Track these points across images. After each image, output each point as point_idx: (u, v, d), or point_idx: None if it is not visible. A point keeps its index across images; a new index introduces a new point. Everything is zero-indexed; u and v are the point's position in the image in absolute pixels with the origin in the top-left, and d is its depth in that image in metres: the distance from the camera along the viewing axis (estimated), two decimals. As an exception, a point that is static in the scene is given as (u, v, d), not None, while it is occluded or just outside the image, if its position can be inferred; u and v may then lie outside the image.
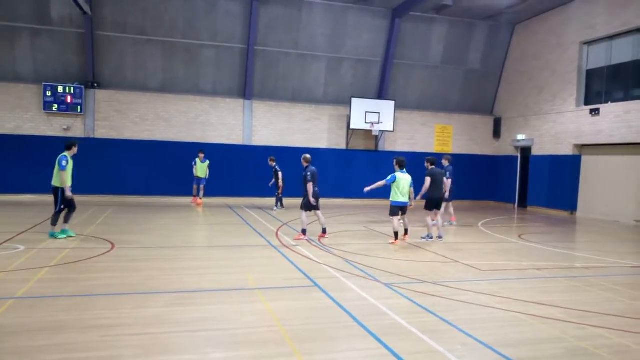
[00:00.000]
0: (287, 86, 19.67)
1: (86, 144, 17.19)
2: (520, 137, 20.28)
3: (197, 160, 16.39)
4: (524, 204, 20.10)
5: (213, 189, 17.73)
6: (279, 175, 15.60)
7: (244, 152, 18.93)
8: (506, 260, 8.92)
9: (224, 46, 18.46)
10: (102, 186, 17.29)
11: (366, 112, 19.28)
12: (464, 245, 10.61)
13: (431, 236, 10.59)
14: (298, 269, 7.53)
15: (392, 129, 19.92)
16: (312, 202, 9.97)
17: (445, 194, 12.69)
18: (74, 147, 9.48)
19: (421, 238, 10.61)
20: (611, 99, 16.50)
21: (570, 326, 5.22)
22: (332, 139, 20.12)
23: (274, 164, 15.70)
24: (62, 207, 9.31)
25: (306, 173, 10.06)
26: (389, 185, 9.96)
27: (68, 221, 9.49)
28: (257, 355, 4.25)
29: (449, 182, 12.77)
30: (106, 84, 17.91)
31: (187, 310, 5.40)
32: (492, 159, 21.81)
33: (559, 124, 18.29)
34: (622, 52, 16.11)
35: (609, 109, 16.18)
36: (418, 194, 10.68)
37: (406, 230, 10.57)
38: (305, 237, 10.13)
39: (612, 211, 16.02)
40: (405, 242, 10.33)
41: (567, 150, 17.83)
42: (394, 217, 10.04)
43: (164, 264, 7.70)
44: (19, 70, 17.20)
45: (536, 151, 19.47)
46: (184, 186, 17.10)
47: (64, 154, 9.32)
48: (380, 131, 19.78)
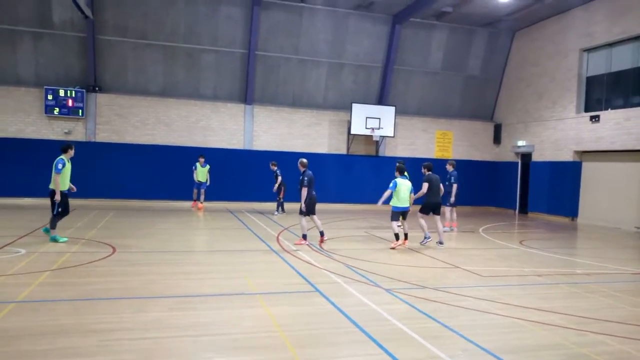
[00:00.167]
0: (288, 91, 19.73)
1: (87, 147, 17.28)
2: (521, 143, 20.31)
3: (197, 164, 16.39)
4: (524, 210, 20.10)
5: (214, 193, 17.74)
6: (278, 179, 15.61)
7: (244, 156, 18.96)
8: (507, 266, 8.92)
9: (224, 51, 18.54)
10: (103, 190, 17.31)
11: (367, 118, 19.33)
12: (464, 251, 10.61)
13: (428, 236, 10.60)
14: (299, 274, 7.53)
15: (392, 135, 19.96)
16: (303, 208, 9.92)
17: (451, 199, 12.78)
18: (70, 149, 9.39)
19: (420, 243, 10.59)
20: (611, 105, 16.54)
21: (571, 332, 5.22)
22: (332, 144, 20.15)
23: (275, 168, 15.71)
24: (60, 210, 9.26)
25: (303, 178, 10.03)
26: (393, 191, 10.08)
27: (54, 226, 9.31)
28: (258, 361, 4.25)
29: (454, 187, 12.79)
30: (107, 87, 17.96)
31: (188, 314, 5.40)
32: (492, 164, 21.84)
33: (559, 130, 18.33)
34: (622, 59, 16.16)
35: (609, 115, 16.22)
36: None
37: (406, 235, 10.56)
38: (306, 242, 10.13)
39: (613, 218, 16.02)
40: (404, 246, 10.34)
41: (568, 156, 17.85)
42: (394, 221, 10.18)
43: (164, 268, 7.70)
44: (21, 74, 17.25)
45: (536, 157, 19.48)
46: (184, 190, 17.11)
47: (60, 157, 9.26)
48: (380, 137, 19.81)
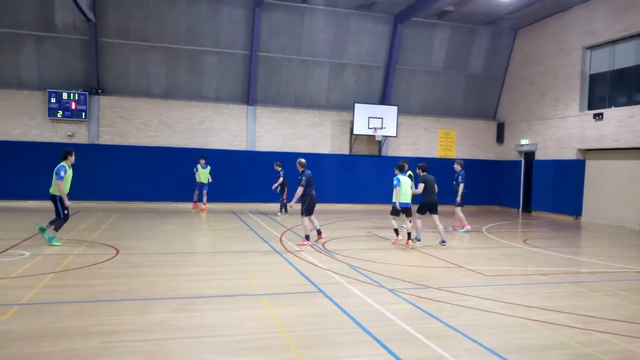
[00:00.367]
0: (290, 92, 19.73)
1: (90, 150, 17.33)
2: (524, 141, 20.25)
3: (198, 166, 16.42)
4: (528, 208, 20.04)
5: (216, 194, 17.75)
6: (279, 180, 15.59)
7: (247, 157, 18.97)
8: (511, 266, 8.89)
9: (227, 52, 18.56)
10: (106, 192, 17.36)
11: (369, 118, 19.30)
12: (468, 251, 10.60)
13: (419, 238, 10.68)
14: (302, 274, 7.52)
15: (395, 134, 19.93)
16: (291, 205, 10.23)
17: (457, 198, 12.82)
18: (70, 156, 9.44)
19: (414, 239, 10.64)
20: (614, 103, 16.47)
21: (575, 332, 5.19)
22: (335, 144, 20.14)
23: (279, 168, 15.70)
24: (66, 213, 9.32)
25: (301, 177, 10.10)
26: (399, 187, 10.32)
27: (59, 229, 9.39)
28: (262, 362, 4.25)
29: (461, 186, 12.80)
30: (110, 90, 18.01)
31: (191, 316, 5.40)
32: (495, 163, 21.78)
33: (562, 128, 18.26)
34: (625, 57, 16.09)
35: (612, 113, 16.15)
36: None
37: (409, 235, 10.60)
38: (309, 243, 10.14)
39: (617, 216, 15.95)
40: (408, 246, 10.35)
41: (571, 154, 17.79)
42: (394, 216, 10.48)
43: (167, 270, 7.71)
44: (24, 77, 17.31)
45: (540, 156, 19.42)
46: (187, 192, 17.10)
47: (61, 163, 9.30)
48: (383, 136, 19.78)
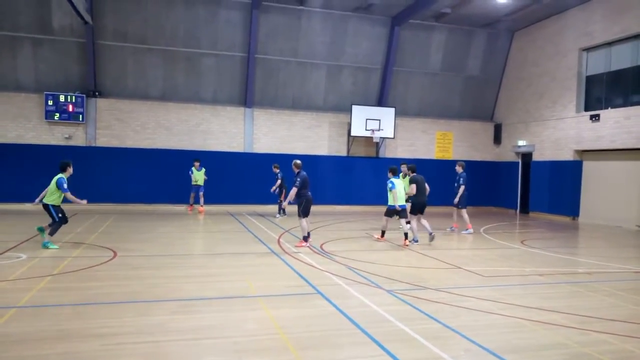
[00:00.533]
0: (288, 94, 19.74)
1: (88, 152, 17.30)
2: (521, 143, 20.30)
3: (193, 169, 16.42)
4: (525, 209, 20.08)
5: (214, 196, 17.76)
6: (277, 182, 15.57)
7: (245, 159, 18.96)
8: (509, 266, 8.91)
9: (224, 54, 18.56)
10: (103, 194, 17.30)
11: (367, 119, 19.33)
12: (466, 252, 10.62)
13: (416, 239, 10.85)
14: (300, 276, 7.52)
15: (392, 136, 19.95)
16: (284, 205, 10.12)
17: (455, 199, 12.94)
18: (68, 167, 9.42)
19: (412, 241, 10.80)
20: (611, 104, 16.53)
21: (573, 332, 5.21)
22: (332, 146, 20.15)
23: (277, 170, 15.69)
24: (60, 216, 9.30)
25: (296, 179, 10.14)
26: (393, 190, 10.63)
27: (54, 233, 9.38)
28: (260, 363, 4.25)
29: (462, 188, 12.84)
30: (107, 92, 17.99)
31: (190, 318, 5.39)
32: (493, 165, 21.83)
33: (559, 129, 18.32)
34: (621, 58, 16.16)
35: (609, 114, 16.21)
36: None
37: (406, 235, 10.70)
38: (307, 244, 10.14)
39: (614, 216, 15.99)
40: (406, 247, 10.41)
41: (568, 155, 17.84)
42: (387, 217, 10.84)
43: (166, 272, 7.69)
44: (21, 80, 17.28)
45: (537, 157, 19.47)
46: (185, 194, 17.10)
47: (61, 176, 9.24)
48: (380, 138, 19.81)
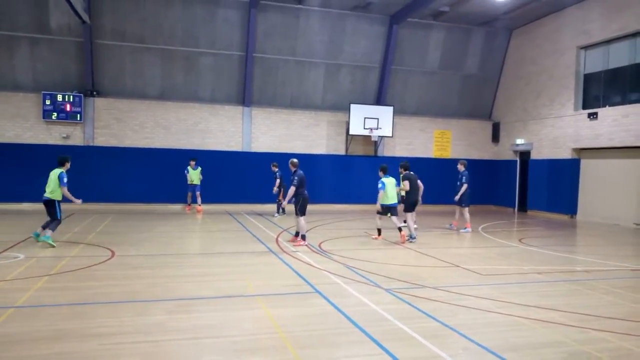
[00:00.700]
0: (286, 93, 19.73)
1: (86, 152, 17.27)
2: (519, 141, 20.32)
3: (189, 168, 16.41)
4: (523, 208, 20.10)
5: (212, 195, 17.75)
6: (277, 182, 15.57)
7: (243, 158, 18.94)
8: (507, 265, 8.92)
9: (222, 53, 18.53)
10: (101, 194, 17.26)
11: (365, 118, 19.32)
12: (464, 250, 10.64)
13: (414, 236, 11.04)
14: (298, 275, 7.53)
15: (391, 135, 19.95)
16: (284, 205, 10.09)
17: (456, 197, 13.00)
18: (67, 162, 9.61)
19: (407, 239, 10.95)
20: (609, 102, 16.55)
21: (571, 330, 5.22)
22: (331, 144, 20.14)
23: (276, 169, 15.68)
24: (59, 217, 9.40)
25: (293, 177, 10.17)
26: (383, 190, 10.80)
27: (54, 229, 9.48)
28: (259, 362, 4.24)
29: (464, 187, 12.85)
30: (105, 92, 17.95)
31: (188, 317, 5.39)
32: (491, 163, 21.84)
33: (557, 128, 18.34)
34: (619, 56, 16.18)
35: (607, 112, 16.23)
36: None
37: (400, 229, 10.93)
38: (305, 243, 10.15)
39: (612, 214, 16.03)
40: (403, 244, 10.59)
41: (566, 154, 17.86)
42: (380, 215, 10.98)
43: (164, 271, 7.69)
44: (19, 79, 17.23)
45: (535, 155, 19.49)
46: (183, 193, 17.09)
47: (61, 170, 9.43)
48: (379, 137, 19.81)
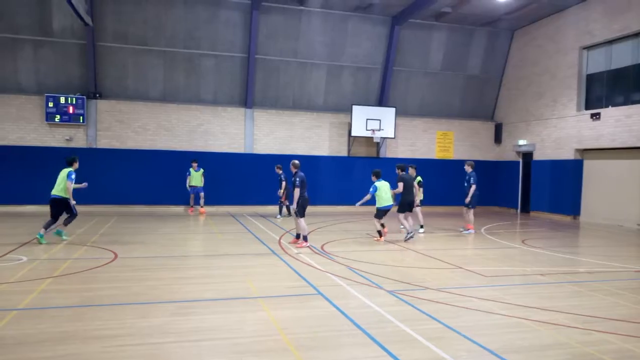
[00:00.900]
0: (288, 94, 19.74)
1: (88, 154, 17.30)
2: (522, 142, 20.28)
3: (191, 170, 16.43)
4: (526, 209, 20.05)
5: (215, 197, 17.77)
6: (282, 184, 15.57)
7: (245, 160, 18.95)
8: (510, 266, 8.90)
9: (224, 55, 18.56)
10: (104, 196, 17.31)
11: (367, 119, 19.30)
12: (467, 251, 10.61)
13: (411, 232, 11.35)
14: (301, 277, 7.52)
15: (393, 136, 19.93)
16: (294, 208, 10.18)
17: (467, 199, 12.85)
18: (75, 162, 10.23)
19: (405, 240, 11.15)
20: (612, 103, 16.50)
21: (575, 331, 5.20)
22: (333, 146, 20.14)
23: (280, 171, 15.69)
24: (73, 212, 10.19)
25: (295, 179, 10.20)
26: (373, 194, 10.99)
27: (67, 224, 10.41)
28: (261, 364, 4.24)
29: (472, 188, 12.72)
30: (108, 94, 17.99)
31: (190, 319, 5.39)
32: (493, 164, 21.79)
33: (560, 128, 18.30)
34: (621, 57, 16.13)
35: (609, 113, 16.19)
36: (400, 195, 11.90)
37: (379, 232, 11.30)
38: (307, 244, 10.15)
39: (615, 215, 15.97)
40: (381, 241, 11.14)
41: (569, 154, 17.82)
42: (377, 219, 11.14)
43: (166, 273, 7.69)
44: (22, 82, 17.29)
45: (538, 156, 19.45)
46: (186, 195, 17.11)
47: (69, 169, 10.02)
48: (381, 138, 19.80)
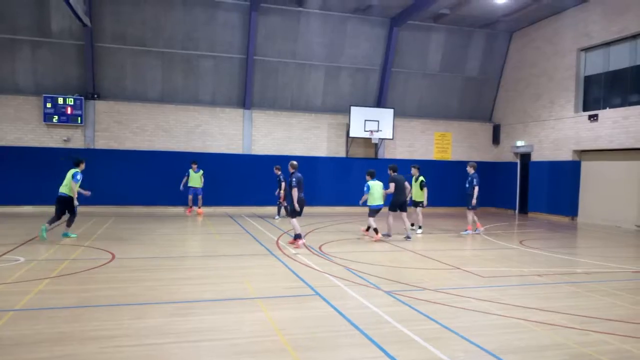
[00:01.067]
0: (286, 95, 19.75)
1: (86, 155, 17.27)
2: (520, 143, 20.32)
3: (190, 171, 16.44)
4: (524, 210, 20.09)
5: (213, 198, 17.76)
6: (282, 184, 15.57)
7: (244, 161, 18.95)
8: (507, 267, 8.91)
9: (223, 56, 18.56)
10: (102, 197, 17.21)
11: (365, 121, 19.33)
12: (464, 252, 10.63)
13: (390, 234, 11.85)
14: (299, 277, 7.52)
15: (391, 137, 19.96)
16: (297, 208, 10.11)
17: (473, 201, 12.81)
18: (82, 163, 10.85)
19: (382, 235, 11.53)
20: (609, 104, 16.55)
21: (572, 332, 5.21)
22: (331, 147, 20.15)
23: (279, 172, 15.69)
24: (75, 213, 10.72)
25: (291, 179, 10.24)
26: (367, 193, 11.48)
27: (69, 225, 10.87)
28: (259, 365, 4.24)
29: (476, 189, 12.70)
30: (106, 95, 17.98)
31: (188, 320, 5.38)
32: (491, 165, 21.81)
33: (557, 130, 18.34)
34: (619, 58, 16.18)
35: (607, 114, 16.23)
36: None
37: (368, 229, 11.80)
38: (302, 241, 10.32)
39: (612, 216, 16.01)
40: (368, 237, 11.74)
41: (567, 156, 17.85)
42: (371, 218, 11.49)
43: (164, 274, 7.68)
44: (19, 82, 17.27)
45: (536, 157, 19.49)
46: (184, 196, 17.06)
47: (76, 170, 10.58)
48: (379, 139, 19.82)
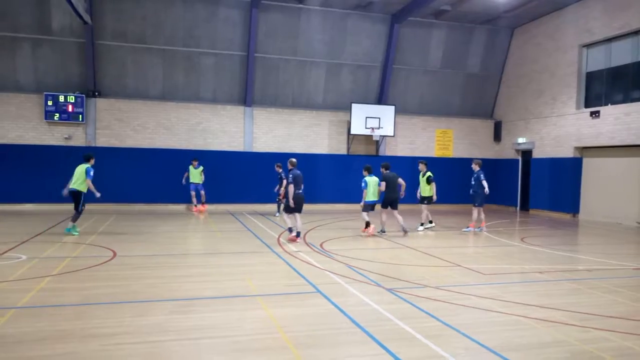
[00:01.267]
0: (287, 93, 19.72)
1: (87, 152, 17.28)
2: (521, 140, 20.28)
3: (190, 167, 16.46)
4: (525, 207, 20.06)
5: (214, 195, 17.76)
6: (283, 182, 15.56)
7: (245, 158, 18.95)
8: (508, 264, 8.90)
9: (224, 54, 18.54)
10: (103, 194, 16.97)
11: (366, 118, 19.30)
12: (466, 249, 10.61)
13: (384, 230, 11.99)
14: (300, 274, 7.52)
15: (392, 134, 19.93)
16: (291, 205, 10.29)
17: (485, 191, 13.07)
18: (92, 159, 11.26)
19: (377, 231, 11.87)
20: (611, 101, 16.50)
21: (573, 329, 5.20)
22: (332, 144, 20.13)
23: (280, 170, 15.68)
24: (83, 208, 10.97)
25: (288, 175, 10.42)
26: (365, 188, 11.63)
27: (75, 220, 11.08)
28: (259, 362, 4.24)
29: (486, 186, 12.95)
30: (107, 92, 17.97)
31: (189, 317, 5.39)
32: (493, 162, 21.75)
33: (559, 126, 18.29)
34: (621, 55, 16.12)
35: (609, 111, 16.18)
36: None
37: (367, 224, 11.78)
38: (294, 234, 10.54)
39: (614, 213, 15.97)
40: (370, 235, 11.64)
41: (568, 152, 17.81)
42: (364, 212, 11.72)
43: (165, 271, 7.70)
44: (21, 80, 17.27)
45: (537, 154, 19.45)
46: (185, 193, 17.10)
47: (87, 165, 10.97)
48: (380, 136, 19.79)
